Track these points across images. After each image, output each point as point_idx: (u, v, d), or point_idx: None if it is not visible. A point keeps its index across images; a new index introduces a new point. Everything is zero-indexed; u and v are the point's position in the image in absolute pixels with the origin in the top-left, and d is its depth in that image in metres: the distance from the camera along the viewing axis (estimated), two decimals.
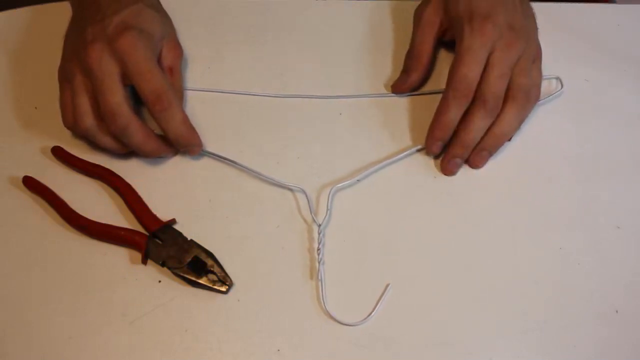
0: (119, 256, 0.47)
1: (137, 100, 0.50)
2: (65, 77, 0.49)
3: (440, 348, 0.44)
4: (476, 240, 0.49)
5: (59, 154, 0.50)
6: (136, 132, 0.48)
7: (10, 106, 0.54)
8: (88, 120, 0.47)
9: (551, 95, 0.56)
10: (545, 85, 0.57)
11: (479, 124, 0.50)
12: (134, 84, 0.48)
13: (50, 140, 0.51)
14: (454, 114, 0.50)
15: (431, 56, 0.55)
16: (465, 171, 0.52)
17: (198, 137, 0.51)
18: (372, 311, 0.45)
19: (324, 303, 0.45)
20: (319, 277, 0.46)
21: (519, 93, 0.50)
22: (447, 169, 0.51)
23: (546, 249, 0.48)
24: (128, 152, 0.50)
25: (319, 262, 0.46)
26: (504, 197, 0.51)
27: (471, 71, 0.49)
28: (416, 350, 0.44)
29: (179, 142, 0.50)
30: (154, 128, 0.50)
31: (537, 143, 0.54)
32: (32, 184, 0.49)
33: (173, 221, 0.48)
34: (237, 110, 0.54)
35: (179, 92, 0.53)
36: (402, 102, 0.55)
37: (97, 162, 0.50)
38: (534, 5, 0.55)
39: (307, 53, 0.58)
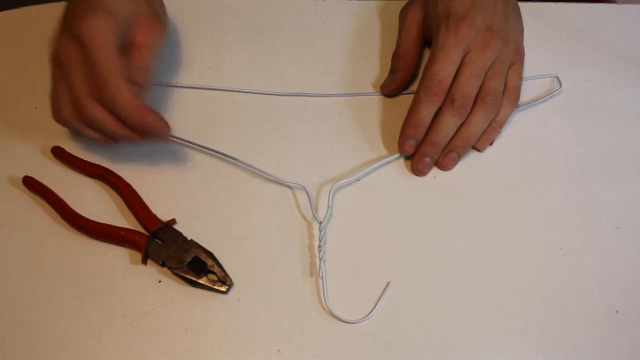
0: (119, 256, 0.47)
1: None
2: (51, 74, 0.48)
3: (440, 347, 0.44)
4: (476, 240, 0.49)
5: (59, 154, 0.50)
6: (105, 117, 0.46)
7: (10, 106, 0.54)
8: (66, 111, 0.46)
9: (550, 94, 0.56)
10: (543, 85, 0.57)
11: (447, 122, 0.50)
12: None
13: (50, 140, 0.51)
14: (425, 112, 0.50)
15: (417, 55, 0.56)
16: (465, 170, 0.52)
17: (155, 116, 0.46)
18: (373, 309, 0.45)
19: (325, 300, 0.45)
20: (320, 275, 0.46)
21: (488, 96, 0.50)
22: (416, 169, 0.51)
23: (546, 249, 0.48)
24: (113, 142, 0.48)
25: (320, 260, 0.47)
26: (504, 197, 0.51)
27: (442, 69, 0.49)
28: (416, 349, 0.44)
29: (134, 126, 0.46)
30: None
31: (537, 143, 0.54)
32: (32, 184, 0.49)
33: (173, 221, 0.48)
34: (237, 109, 0.54)
35: (140, 70, 0.48)
36: (402, 101, 0.55)
37: (97, 162, 0.50)
38: (534, 5, 0.55)
39: (307, 52, 0.58)
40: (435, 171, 0.52)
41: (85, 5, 0.47)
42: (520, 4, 0.56)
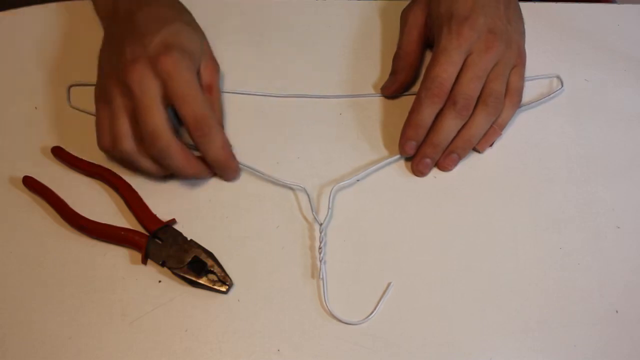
0: (119, 256, 0.47)
1: (178, 120, 0.49)
2: (103, 98, 0.47)
3: (440, 347, 0.44)
4: (476, 240, 0.49)
5: (59, 154, 0.50)
6: (176, 155, 0.46)
7: (10, 106, 0.54)
8: (127, 143, 0.46)
9: (551, 94, 0.56)
10: (545, 85, 0.57)
11: (448, 124, 0.50)
12: (175, 107, 0.46)
13: (50, 140, 0.51)
14: (427, 114, 0.50)
15: (418, 56, 0.55)
16: (465, 171, 0.52)
17: (236, 162, 0.50)
18: (374, 310, 0.45)
19: (325, 302, 0.45)
20: (321, 276, 0.46)
21: (489, 98, 0.50)
22: (417, 169, 0.51)
23: (546, 249, 0.48)
24: (167, 175, 0.49)
25: (320, 261, 0.47)
26: (504, 197, 0.51)
27: (444, 71, 0.49)
28: (416, 349, 0.44)
29: (217, 166, 0.49)
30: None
31: (537, 143, 0.54)
32: (32, 184, 0.49)
33: (173, 221, 0.48)
34: (237, 110, 0.54)
35: (218, 112, 0.52)
36: (401, 102, 0.55)
37: (97, 162, 0.50)
38: (534, 5, 0.55)
39: (308, 53, 0.58)
40: (435, 172, 0.52)
41: (162, 41, 0.47)
42: (520, 4, 0.56)
